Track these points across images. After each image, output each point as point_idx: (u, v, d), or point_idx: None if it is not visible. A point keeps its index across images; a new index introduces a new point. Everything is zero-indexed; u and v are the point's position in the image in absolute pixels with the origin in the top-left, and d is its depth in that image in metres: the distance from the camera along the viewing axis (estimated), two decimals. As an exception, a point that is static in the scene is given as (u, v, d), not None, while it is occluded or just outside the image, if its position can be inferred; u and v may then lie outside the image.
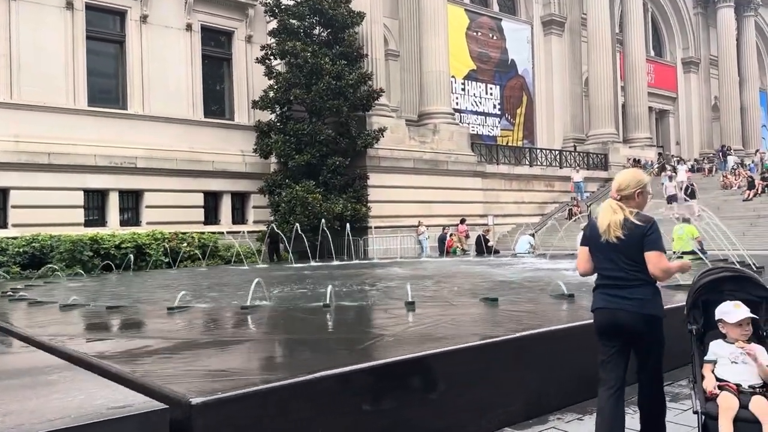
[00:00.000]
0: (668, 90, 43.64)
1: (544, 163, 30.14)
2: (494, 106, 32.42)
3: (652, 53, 43.03)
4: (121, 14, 20.86)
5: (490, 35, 32.40)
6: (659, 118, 44.07)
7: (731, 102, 42.22)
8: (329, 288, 7.02)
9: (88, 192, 19.66)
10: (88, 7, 20.01)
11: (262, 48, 21.70)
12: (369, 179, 21.53)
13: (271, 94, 21.15)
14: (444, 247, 20.01)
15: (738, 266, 3.75)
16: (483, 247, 18.69)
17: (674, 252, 12.49)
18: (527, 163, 29.36)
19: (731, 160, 30.76)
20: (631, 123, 35.51)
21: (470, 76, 31.32)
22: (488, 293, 7.50)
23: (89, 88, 20.06)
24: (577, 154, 32.00)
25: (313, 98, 20.00)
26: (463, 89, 30.96)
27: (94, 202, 20.02)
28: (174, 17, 21.75)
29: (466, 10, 31.26)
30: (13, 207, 18.22)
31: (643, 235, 3.31)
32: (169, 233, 18.64)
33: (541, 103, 34.55)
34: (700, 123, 44.69)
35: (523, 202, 28.16)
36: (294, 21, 21.06)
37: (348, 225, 18.78)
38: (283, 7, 21.35)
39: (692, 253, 11.38)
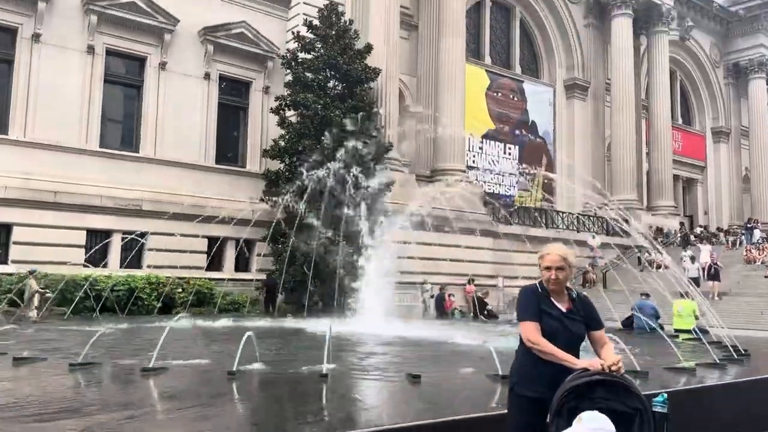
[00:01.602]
0: (697, 159, 42.84)
1: (561, 227, 29.46)
2: (512, 166, 32.09)
3: (681, 121, 42.53)
4: (140, 60, 21.39)
5: (511, 96, 32.39)
6: (687, 186, 43.13)
7: (762, 173, 41.11)
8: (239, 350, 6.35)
9: (90, 232, 19.70)
10: (109, 53, 20.59)
11: (277, 99, 21.94)
12: (374, 233, 21.15)
13: (282, 143, 21.21)
14: (442, 308, 19.34)
15: (614, 372, 3.22)
16: (479, 310, 17.98)
17: (675, 330, 11.72)
18: (543, 224, 28.72)
19: (757, 233, 29.65)
20: (655, 190, 34.74)
21: (489, 135, 31.18)
22: (423, 366, 6.95)
23: (102, 129, 20.41)
24: (596, 219, 31.27)
25: (322, 150, 19.94)
26: (481, 148, 30.78)
27: (97, 243, 20.03)
28: (193, 66, 22.21)
29: (487, 71, 31.40)
30: (15, 243, 18.31)
31: None
32: (165, 278, 18.46)
33: (561, 165, 34.08)
34: (729, 193, 43.53)
35: (537, 265, 27.34)
36: (309, 74, 21.27)
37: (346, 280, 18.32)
38: (299, 60, 21.63)
39: (688, 332, 10.62)
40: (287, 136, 20.96)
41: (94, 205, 19.47)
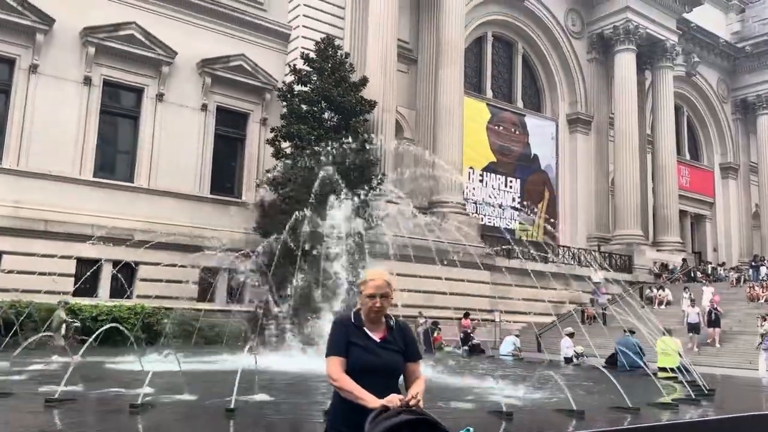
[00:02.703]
0: (705, 194, 42.31)
1: (563, 261, 29.03)
2: (513, 199, 31.84)
3: (688, 156, 42.18)
4: (138, 91, 21.64)
5: (513, 130, 32.34)
6: (695, 222, 42.52)
7: (772, 210, 40.44)
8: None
9: (81, 261, 19.67)
10: (106, 84, 20.86)
11: (272, 130, 22.03)
12: (366, 264, 20.92)
13: (276, 173, 21.20)
14: (430, 342, 18.95)
15: (420, 408, 2.96)
16: (463, 344, 17.54)
17: (659, 368, 11.29)
18: (542, 259, 28.30)
19: (763, 270, 28.96)
20: (661, 225, 34.24)
21: (489, 168, 31.04)
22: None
23: (97, 159, 20.56)
24: (599, 254, 30.80)
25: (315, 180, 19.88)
26: (481, 180, 30.62)
27: (86, 272, 19.97)
28: (190, 97, 22.43)
29: (488, 104, 31.44)
30: (3, 272, 18.30)
31: None
32: (152, 308, 18.29)
33: (564, 199, 33.78)
34: (739, 230, 42.82)
35: (536, 300, 26.84)
36: (304, 106, 21.37)
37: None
38: (295, 92, 21.77)
39: (672, 371, 10.21)
40: (280, 167, 20.96)
41: (85, 234, 19.47)
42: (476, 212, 29.57)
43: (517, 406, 6.64)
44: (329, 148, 19.86)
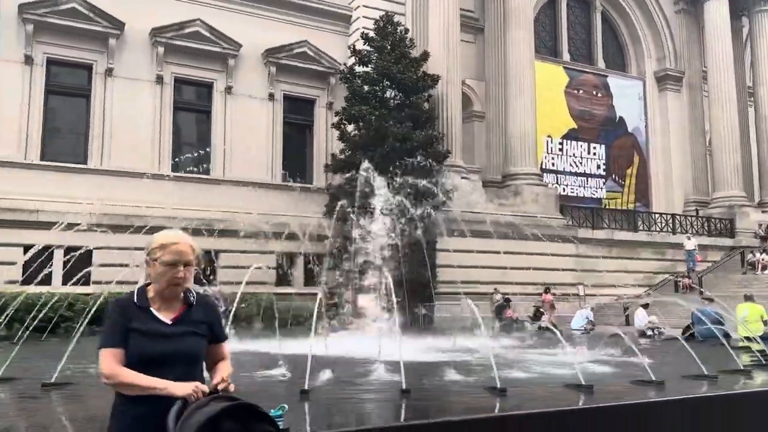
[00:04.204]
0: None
1: (656, 229, 27.29)
2: (598, 167, 30.19)
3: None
4: (207, 86, 22.36)
5: (594, 93, 30.58)
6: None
7: None
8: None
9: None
10: (177, 81, 21.70)
11: (336, 114, 22.09)
12: (437, 243, 20.61)
13: (342, 157, 21.29)
14: (501, 318, 18.37)
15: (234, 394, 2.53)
16: (534, 320, 16.82)
17: (742, 339, 10.27)
18: (633, 228, 26.73)
19: None
20: (767, 184, 31.30)
21: (570, 136, 29.57)
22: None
23: (174, 154, 21.49)
24: (697, 219, 28.66)
25: (378, 161, 19.76)
26: (561, 149, 29.24)
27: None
28: (257, 88, 22.90)
29: (565, 68, 29.89)
30: (96, 266, 19.60)
31: None
32: (231, 293, 18.95)
33: (656, 163, 31.65)
34: None
35: (627, 272, 25.43)
36: (365, 86, 21.23)
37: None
38: (356, 73, 21.67)
39: (756, 340, 9.22)
40: (345, 150, 21.01)
41: (166, 226, 20.40)
42: (556, 183, 28.32)
43: (593, 379, 6.13)
44: (391, 127, 19.67)
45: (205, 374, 2.77)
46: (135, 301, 2.65)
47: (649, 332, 12.88)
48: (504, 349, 10.06)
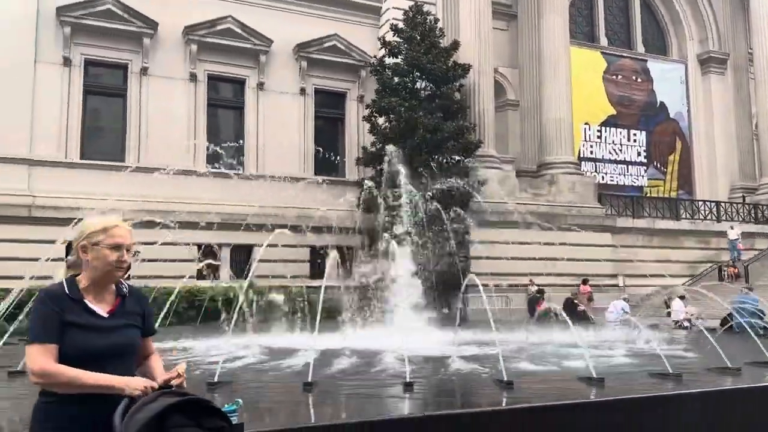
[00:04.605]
0: None
1: (699, 217, 26.41)
2: (639, 154, 29.37)
3: None
4: (240, 83, 22.61)
5: (634, 77, 29.71)
6: None
7: None
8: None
9: (201, 246, 21.06)
10: (210, 78, 22.00)
11: (367, 106, 22.05)
12: (469, 234, 20.40)
13: (373, 150, 21.26)
14: (534, 310, 18.04)
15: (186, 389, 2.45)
16: (568, 312, 16.38)
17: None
18: (675, 216, 25.93)
19: None
20: (820, 168, 29.88)
21: (608, 122, 28.82)
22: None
23: (208, 150, 21.79)
24: (744, 206, 27.61)
25: (408, 153, 19.65)
26: (600, 136, 28.54)
27: (207, 257, 21.37)
28: (289, 83, 23.03)
29: (603, 53, 29.11)
30: (137, 261, 20.08)
31: None
32: (265, 287, 19.19)
33: (700, 149, 30.59)
34: None
35: (669, 261, 24.65)
36: (396, 78, 21.12)
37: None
38: (386, 65, 21.57)
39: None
40: (376, 143, 20.96)
41: (203, 221, 20.82)
42: (595, 171, 27.69)
43: (608, 372, 5.99)
44: (422, 118, 19.52)
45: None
46: (67, 292, 2.46)
47: (686, 324, 12.46)
48: (527, 342, 9.88)
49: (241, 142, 22.49)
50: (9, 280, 14.91)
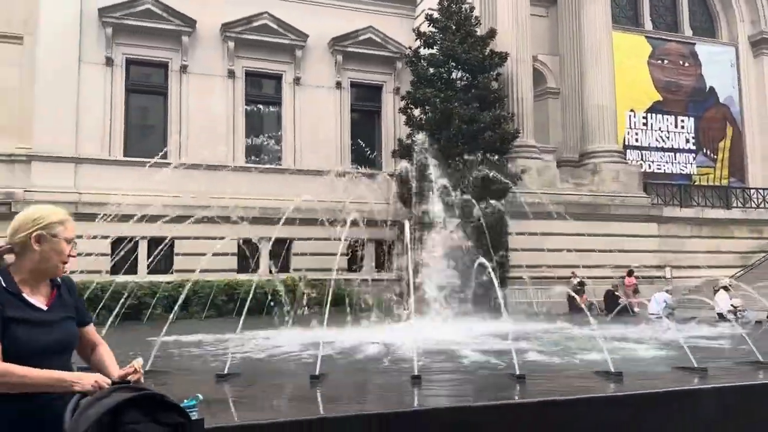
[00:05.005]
0: None
1: (752, 205, 25.34)
2: (687, 141, 28.32)
3: None
4: (277, 78, 22.79)
5: (681, 62, 28.64)
6: None
7: None
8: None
9: (242, 241, 21.37)
10: (248, 74, 22.24)
11: (402, 98, 21.91)
12: (507, 226, 20.06)
13: (409, 142, 21.10)
14: (575, 303, 17.61)
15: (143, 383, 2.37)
16: (608, 306, 15.96)
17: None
18: (725, 205, 24.93)
19: None
20: None
21: (654, 109, 27.87)
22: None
23: (246, 146, 22.09)
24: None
25: (443, 144, 19.45)
26: (645, 123, 27.63)
27: (247, 251, 21.68)
28: (325, 77, 23.09)
29: (647, 37, 28.14)
30: (176, 254, 20.56)
31: None
32: (298, 278, 19.37)
33: (752, 135, 29.28)
34: None
35: (719, 252, 23.76)
36: (431, 69, 20.90)
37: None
38: (421, 56, 21.37)
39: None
40: (412, 135, 20.80)
41: (241, 216, 21.10)
42: (641, 159, 26.85)
43: (631, 366, 5.79)
44: (457, 108, 19.27)
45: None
46: (3, 284, 2.32)
47: (730, 316, 11.93)
48: (555, 334, 9.63)
49: (279, 137, 22.69)
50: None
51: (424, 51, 21.39)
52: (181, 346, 9.17)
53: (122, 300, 17.52)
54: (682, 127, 28.40)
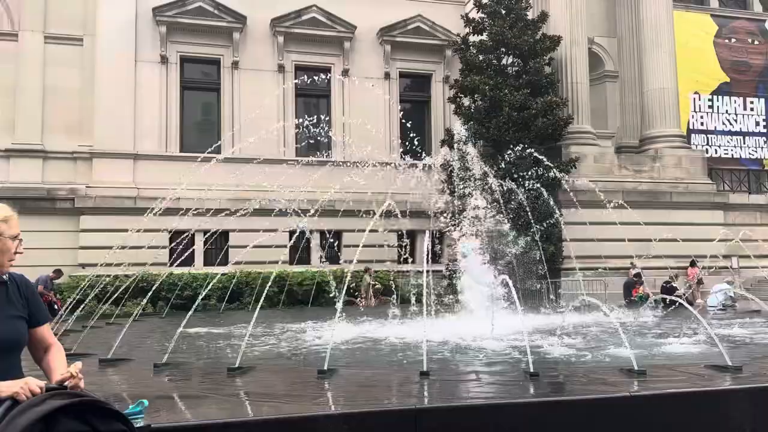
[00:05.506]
0: None
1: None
2: (757, 124, 26.70)
3: None
4: (325, 71, 22.86)
5: (750, 40, 26.99)
6: None
7: None
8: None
9: (293, 233, 21.60)
10: (297, 68, 22.42)
11: (451, 87, 21.59)
12: (562, 215, 19.45)
13: (455, 132, 20.78)
14: (630, 294, 16.89)
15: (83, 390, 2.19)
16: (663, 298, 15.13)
17: None
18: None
19: None
20: None
21: (721, 91, 26.39)
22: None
23: (297, 139, 22.30)
24: None
25: (493, 133, 19.05)
26: (711, 106, 26.21)
27: (300, 243, 21.93)
28: (373, 68, 23.03)
29: (712, 15, 26.64)
30: (231, 247, 21.00)
31: None
32: (347, 271, 19.41)
33: (831, 114, 27.33)
34: None
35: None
36: (480, 56, 20.48)
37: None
38: (470, 43, 20.97)
39: None
40: (461, 124, 20.46)
41: (294, 208, 21.34)
42: (707, 144, 25.51)
43: (660, 363, 5.52)
44: (507, 95, 18.83)
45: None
46: None
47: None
48: (593, 329, 9.21)
49: (328, 130, 22.78)
50: (115, 268, 15.99)
51: (473, 38, 20.98)
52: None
53: (176, 291, 18.03)
54: (752, 109, 26.80)
